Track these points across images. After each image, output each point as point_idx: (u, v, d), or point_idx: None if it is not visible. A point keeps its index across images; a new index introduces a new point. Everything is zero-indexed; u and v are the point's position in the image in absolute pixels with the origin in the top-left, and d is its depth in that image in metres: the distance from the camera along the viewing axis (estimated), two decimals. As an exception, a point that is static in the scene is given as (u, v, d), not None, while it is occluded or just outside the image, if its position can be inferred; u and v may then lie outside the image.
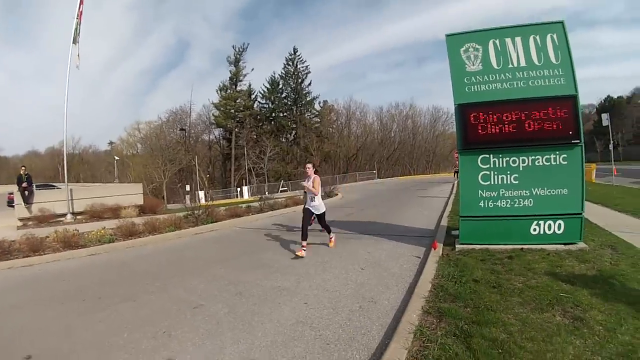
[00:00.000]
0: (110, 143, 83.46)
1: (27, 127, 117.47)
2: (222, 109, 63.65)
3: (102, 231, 9.82)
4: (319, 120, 69.60)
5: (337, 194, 22.26)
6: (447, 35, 6.99)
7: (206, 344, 3.78)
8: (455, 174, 31.53)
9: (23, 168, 15.66)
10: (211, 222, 12.20)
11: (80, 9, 15.66)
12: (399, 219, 11.19)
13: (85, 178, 66.75)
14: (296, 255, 7.21)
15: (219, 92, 65.17)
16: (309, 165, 8.13)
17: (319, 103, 70.08)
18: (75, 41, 15.57)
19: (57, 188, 21.36)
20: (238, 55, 64.62)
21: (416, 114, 74.33)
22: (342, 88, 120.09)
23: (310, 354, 3.41)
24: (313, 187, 7.72)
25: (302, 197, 13.30)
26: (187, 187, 43.05)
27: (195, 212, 12.59)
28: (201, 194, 33.70)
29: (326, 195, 21.13)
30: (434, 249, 6.64)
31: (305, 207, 7.87)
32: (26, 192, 14.81)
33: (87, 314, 4.90)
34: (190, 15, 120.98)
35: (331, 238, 8.15)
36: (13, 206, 15.81)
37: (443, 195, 18.13)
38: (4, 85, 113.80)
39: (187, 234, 11.05)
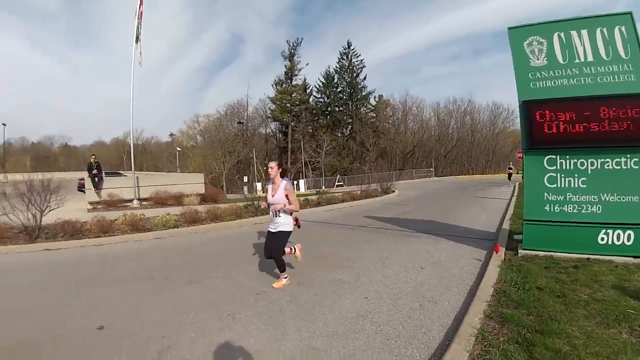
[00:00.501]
0: (171, 135, 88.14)
1: (93, 120, 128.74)
2: (278, 103, 64.21)
3: (167, 217, 10.31)
4: (374, 115, 68.60)
5: (393, 191, 22.07)
6: (510, 28, 6.63)
7: (269, 329, 3.89)
8: (510, 176, 30.14)
9: (93, 157, 17.05)
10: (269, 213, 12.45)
11: (141, 9, 16.58)
12: (458, 219, 10.91)
13: (148, 167, 70.89)
14: (273, 286, 5.26)
15: (274, 86, 65.83)
16: (273, 164, 5.45)
17: (375, 98, 69.07)
18: (137, 39, 16.44)
19: (124, 175, 22.71)
20: (292, 50, 64.84)
21: (475, 110, 70.93)
22: (397, 82, 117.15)
23: (371, 348, 3.41)
24: (287, 198, 5.25)
25: (337, 194, 13.33)
26: (245, 179, 44.27)
27: (255, 202, 12.96)
28: (258, 185, 34.58)
29: (383, 191, 21.15)
30: (496, 253, 6.40)
31: (269, 228, 5.47)
32: (96, 179, 16.11)
33: (155, 293, 5.20)
34: (242, 11, 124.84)
35: (281, 279, 5.39)
36: (83, 191, 17.31)
37: (504, 197, 17.41)
38: (72, 81, 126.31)
39: (247, 223, 11.42)
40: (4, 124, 63.40)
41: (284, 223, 5.33)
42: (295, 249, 5.80)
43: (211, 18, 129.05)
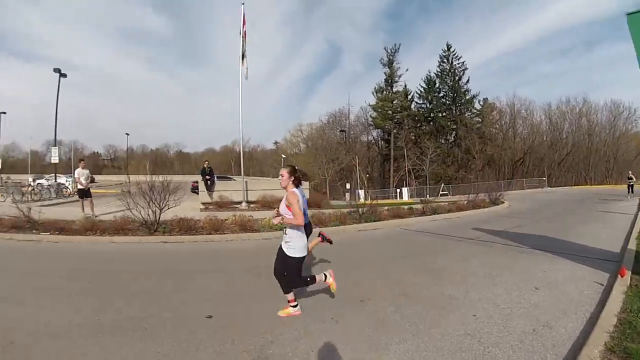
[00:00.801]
0: (275, 143, 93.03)
1: (205, 129, 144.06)
2: (379, 110, 63.84)
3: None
4: (480, 119, 63.85)
5: (503, 202, 20.54)
6: (628, 14, 5.50)
7: (372, 337, 3.79)
8: (631, 188, 25.08)
9: (206, 162, 18.69)
10: (374, 221, 12.45)
11: (244, 29, 17.62)
12: (576, 236, 9.69)
13: (254, 172, 75.40)
14: (278, 314, 4.37)
15: (374, 93, 65.51)
16: (284, 172, 4.53)
17: (479, 101, 64.26)
18: (243, 56, 17.44)
19: (233, 180, 24.19)
20: (391, 57, 63.74)
21: (591, 111, 61.05)
22: (503, 84, 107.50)
23: (478, 370, 3.14)
24: (291, 210, 4.24)
25: (443, 204, 12.81)
26: (347, 185, 44.65)
27: (359, 209, 12.93)
28: (361, 192, 34.60)
29: (491, 202, 19.90)
30: (621, 277, 5.55)
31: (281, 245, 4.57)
32: (208, 182, 17.59)
33: (262, 290, 5.36)
34: (337, 23, 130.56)
35: (287, 306, 4.44)
36: (196, 192, 19.55)
37: (629, 212, 15.18)
38: (185, 96, 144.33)
39: (350, 229, 11.45)
40: (128, 134, 74.87)
41: (291, 243, 4.36)
42: (327, 276, 4.75)
43: (308, 32, 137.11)
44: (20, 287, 5.67)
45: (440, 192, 41.51)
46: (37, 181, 30.37)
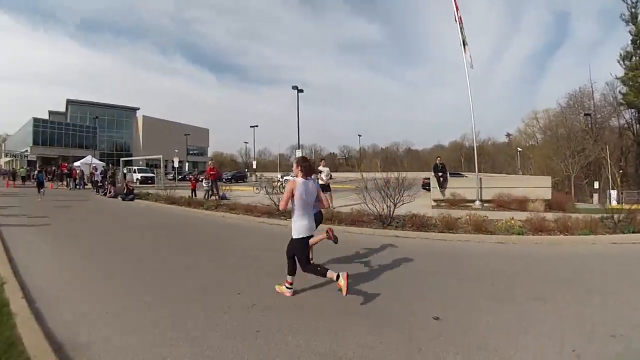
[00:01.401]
0: (508, 135, 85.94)
1: (431, 125, 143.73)
2: (629, 83, 46.15)
3: (511, 221, 9.76)
4: None
5: None
6: None
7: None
8: None
9: (439, 158, 18.72)
10: (633, 232, 9.44)
11: (459, 15, 16.45)
12: None
13: (485, 169, 71.27)
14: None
15: (621, 62, 48.06)
16: (294, 163, 5.25)
17: None
18: (464, 43, 16.40)
19: (464, 176, 23.42)
20: (633, 9, 45.64)
21: None
22: None
23: None
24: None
25: None
26: (595, 185, 38.66)
27: (615, 215, 10.04)
28: (613, 193, 29.27)
29: None
30: None
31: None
32: (441, 179, 17.20)
33: (494, 301, 4.85)
34: None
35: (284, 283, 5.15)
36: (427, 189, 19.72)
37: None
38: (408, 94, 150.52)
39: (602, 241, 9.13)
40: (360, 135, 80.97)
41: (293, 225, 5.05)
42: (339, 276, 4.61)
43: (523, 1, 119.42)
44: (270, 261, 6.32)
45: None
46: (285, 177, 35.03)
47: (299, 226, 5.02)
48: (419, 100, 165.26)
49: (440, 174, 17.28)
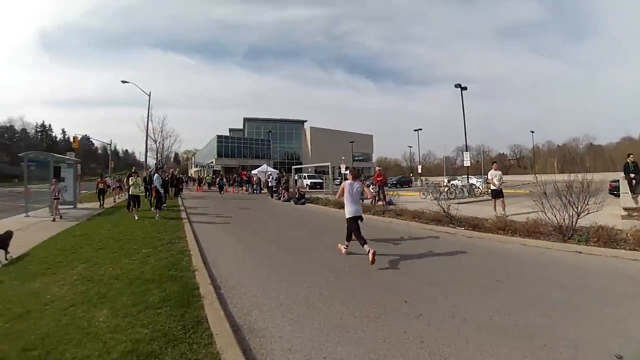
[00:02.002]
0: None
1: (615, 113, 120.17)
2: None
3: None
4: None
5: None
6: None
7: None
8: None
9: (630, 156, 15.37)
10: None
11: None
12: None
13: None
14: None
15: None
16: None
17: None
18: None
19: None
20: None
21: None
22: None
23: None
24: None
25: None
26: None
27: None
28: None
29: None
30: None
31: None
32: (633, 181, 14.45)
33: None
34: None
35: (344, 244, 8.83)
36: (616, 194, 16.21)
37: None
38: (585, 78, 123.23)
39: None
40: (532, 132, 71.13)
41: (345, 210, 8.76)
42: (370, 252, 7.48)
43: None
44: (436, 271, 7.08)
45: None
46: (451, 182, 33.97)
47: (348, 211, 8.53)
48: (597, 84, 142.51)
49: (632, 175, 14.47)
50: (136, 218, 15.36)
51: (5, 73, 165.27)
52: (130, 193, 16.63)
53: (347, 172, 8.67)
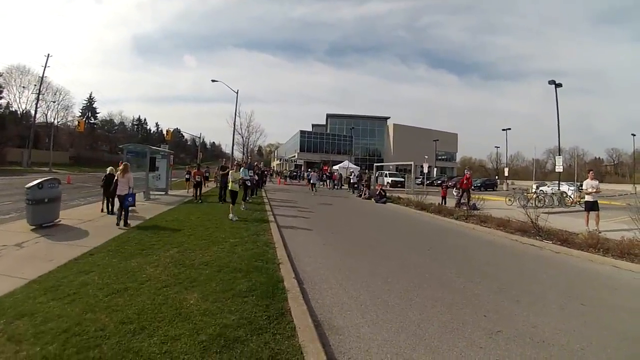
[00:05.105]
0: None
1: None
2: None
3: None
4: None
5: None
6: None
7: None
8: None
9: None
10: None
11: None
12: None
13: None
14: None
15: None
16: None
17: None
18: None
19: None
20: None
21: None
22: None
23: None
24: None
25: None
26: None
27: None
28: None
29: None
30: None
31: None
32: None
33: None
34: None
35: None
36: None
37: None
38: None
39: None
40: (634, 134, 64.51)
41: None
42: None
43: None
44: (516, 285, 6.91)
45: None
46: (540, 188, 31.97)
47: None
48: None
49: None
50: (231, 218, 13.42)
51: (106, 74, 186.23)
52: (230, 189, 14.91)
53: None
